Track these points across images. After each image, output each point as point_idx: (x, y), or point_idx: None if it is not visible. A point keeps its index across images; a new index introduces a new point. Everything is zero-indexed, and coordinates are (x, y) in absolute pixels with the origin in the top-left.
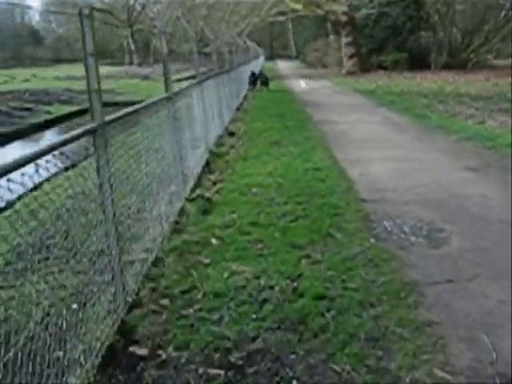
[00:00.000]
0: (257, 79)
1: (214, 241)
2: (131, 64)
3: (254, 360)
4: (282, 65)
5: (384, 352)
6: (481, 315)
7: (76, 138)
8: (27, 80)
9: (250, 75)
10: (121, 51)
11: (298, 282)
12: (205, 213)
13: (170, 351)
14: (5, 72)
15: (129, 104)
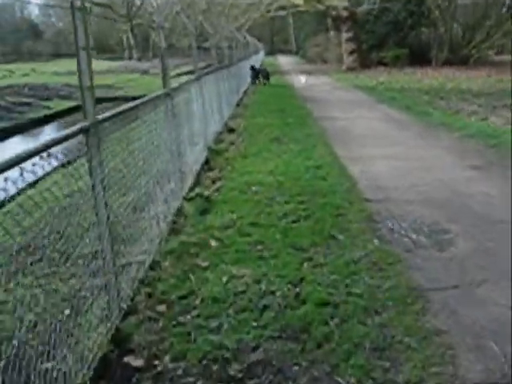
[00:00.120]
0: (258, 73)
1: (213, 242)
2: (131, 59)
3: (255, 372)
4: (283, 60)
5: (391, 363)
6: (489, 322)
7: (67, 138)
8: (26, 74)
9: (251, 69)
10: (120, 45)
11: (300, 287)
12: (203, 212)
13: (167, 361)
14: (4, 66)
15: (128, 99)
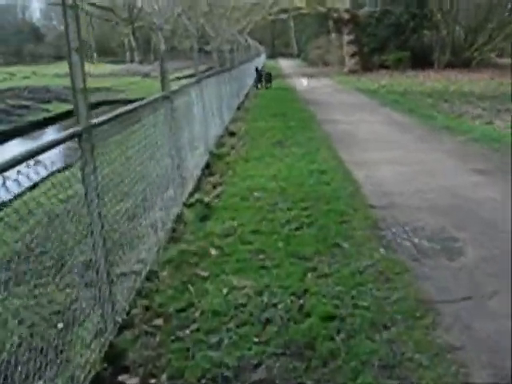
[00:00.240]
0: (261, 76)
1: (213, 251)
2: (132, 62)
3: None
4: (284, 63)
5: (401, 382)
6: (504, 337)
7: (56, 144)
8: (27, 77)
9: (256, 71)
10: (121, 48)
11: (304, 299)
12: (203, 219)
13: (164, 380)
14: (5, 69)
15: (130, 102)
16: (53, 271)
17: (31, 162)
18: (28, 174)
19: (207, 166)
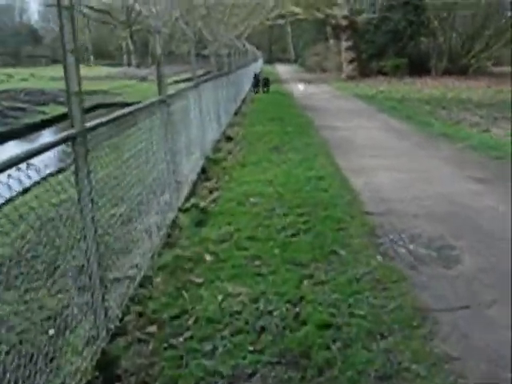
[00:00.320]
0: (259, 81)
1: (208, 257)
2: (129, 65)
3: None
4: (281, 68)
5: None
6: (503, 347)
7: (50, 147)
8: (25, 79)
9: (254, 77)
10: (118, 50)
11: (300, 307)
12: (199, 224)
13: None
14: (3, 71)
15: (128, 105)
16: (44, 276)
17: (23, 166)
18: (19, 178)
19: (203, 171)
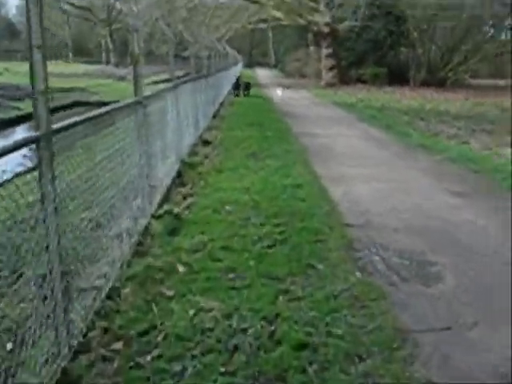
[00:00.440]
0: (239, 85)
1: (181, 267)
2: (108, 63)
3: None
4: (261, 73)
5: None
6: (484, 372)
7: (11, 151)
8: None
9: (236, 81)
10: (98, 48)
11: (276, 325)
12: (172, 232)
13: None
14: None
15: (99, 104)
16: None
17: None
18: None
19: (179, 175)
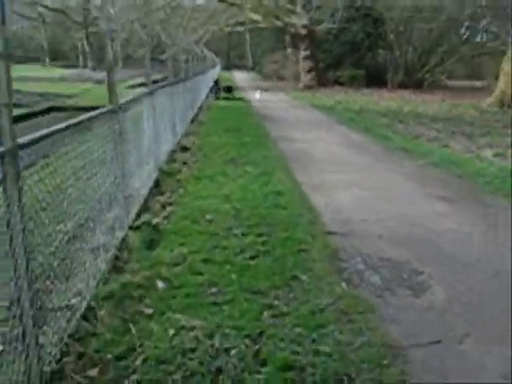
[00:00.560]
0: (219, 89)
1: (160, 283)
2: (85, 67)
3: None
4: (238, 75)
5: None
6: None
7: None
8: None
9: (214, 83)
10: (73, 51)
11: (260, 344)
12: (151, 245)
13: None
14: None
15: (76, 109)
16: None
17: None
18: None
19: (156, 184)
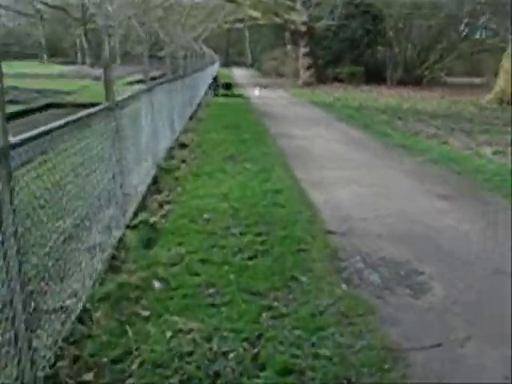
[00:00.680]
0: (218, 85)
1: (157, 284)
2: (84, 64)
3: None
4: (238, 72)
5: None
6: None
7: None
8: None
9: (213, 80)
10: (73, 47)
11: (259, 347)
12: (148, 244)
13: None
14: None
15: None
16: None
17: None
18: None
19: (154, 182)
